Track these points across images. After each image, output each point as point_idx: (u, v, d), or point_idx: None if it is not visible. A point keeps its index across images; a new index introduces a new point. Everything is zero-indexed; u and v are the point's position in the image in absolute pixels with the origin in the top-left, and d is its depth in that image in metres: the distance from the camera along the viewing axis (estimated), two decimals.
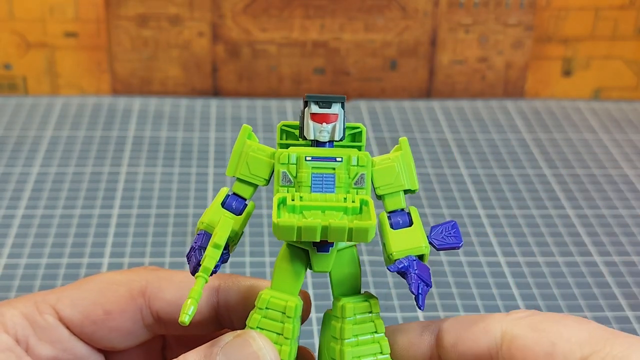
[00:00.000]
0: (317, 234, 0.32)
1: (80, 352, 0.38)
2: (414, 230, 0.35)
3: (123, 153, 0.79)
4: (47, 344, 0.37)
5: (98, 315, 0.38)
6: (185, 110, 0.87)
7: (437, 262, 0.64)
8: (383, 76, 0.90)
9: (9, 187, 0.72)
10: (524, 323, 0.34)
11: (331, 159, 0.35)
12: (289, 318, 0.34)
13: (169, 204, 0.70)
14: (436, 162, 0.79)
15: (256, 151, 0.35)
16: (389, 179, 0.35)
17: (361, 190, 0.35)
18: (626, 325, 0.58)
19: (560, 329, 0.33)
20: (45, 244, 0.65)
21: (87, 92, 0.89)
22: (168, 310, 0.38)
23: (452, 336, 0.35)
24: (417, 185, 0.36)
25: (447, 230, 0.35)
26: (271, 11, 0.87)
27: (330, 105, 0.35)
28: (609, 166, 0.79)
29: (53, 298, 0.38)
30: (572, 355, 0.32)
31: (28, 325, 0.37)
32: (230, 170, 0.35)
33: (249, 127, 0.36)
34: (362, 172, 0.35)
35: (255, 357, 0.33)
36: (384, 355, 0.35)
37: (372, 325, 0.35)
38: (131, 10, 0.86)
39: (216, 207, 0.35)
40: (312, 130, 0.35)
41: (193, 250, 0.35)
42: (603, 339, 0.32)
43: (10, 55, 0.87)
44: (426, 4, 0.88)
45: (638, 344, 0.31)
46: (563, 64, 0.91)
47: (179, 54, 0.88)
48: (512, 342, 0.34)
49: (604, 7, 0.89)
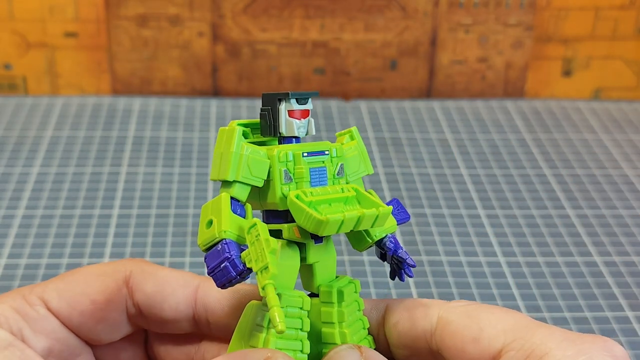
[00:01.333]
0: (354, 224, 0.34)
1: (72, 343, 0.38)
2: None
3: (123, 153, 0.79)
4: (42, 335, 0.37)
5: (85, 305, 0.38)
6: (185, 110, 0.87)
7: (437, 262, 0.64)
8: (383, 76, 0.90)
9: (9, 187, 0.72)
10: (459, 310, 0.36)
11: (321, 152, 0.36)
12: (304, 312, 0.35)
13: (169, 204, 0.70)
14: (436, 162, 0.79)
15: (254, 153, 0.35)
16: (355, 167, 0.38)
17: (342, 180, 0.37)
18: (626, 325, 0.58)
19: (489, 317, 0.35)
20: (45, 244, 0.65)
21: (87, 92, 0.89)
22: (147, 303, 0.38)
23: (395, 316, 0.37)
24: (372, 169, 0.39)
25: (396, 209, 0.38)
26: (271, 11, 0.87)
27: (307, 101, 0.36)
28: (609, 166, 0.79)
29: (39, 290, 0.38)
30: (496, 341, 0.34)
31: (20, 318, 0.37)
32: (232, 174, 0.35)
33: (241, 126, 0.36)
34: (341, 162, 0.37)
35: None
36: (365, 330, 0.37)
37: (357, 304, 0.37)
38: (131, 10, 0.86)
39: (230, 214, 0.34)
40: (294, 126, 0.36)
41: (228, 260, 0.33)
42: (526, 327, 0.34)
43: (10, 55, 0.87)
44: (426, 4, 0.88)
45: (556, 334, 0.33)
46: (563, 64, 0.91)
47: (179, 54, 0.88)
48: (445, 327, 0.36)
49: (604, 7, 0.89)
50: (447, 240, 0.67)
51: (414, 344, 0.36)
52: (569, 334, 0.33)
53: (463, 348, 0.35)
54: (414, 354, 0.37)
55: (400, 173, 0.76)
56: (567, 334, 0.33)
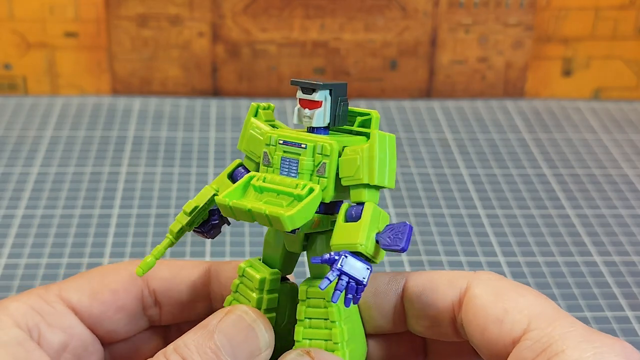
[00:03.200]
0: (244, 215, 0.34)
1: (87, 340, 0.39)
2: (357, 226, 0.34)
3: (123, 153, 0.79)
4: (58, 330, 0.38)
5: (106, 295, 0.39)
6: (185, 110, 0.87)
7: (437, 262, 0.64)
8: (383, 76, 0.90)
9: (9, 187, 0.72)
10: (487, 285, 0.35)
11: (297, 144, 0.35)
12: (257, 289, 0.36)
13: (169, 204, 0.70)
14: (436, 162, 0.79)
15: (254, 129, 0.36)
16: (349, 171, 0.35)
17: (322, 179, 0.35)
18: (626, 325, 0.58)
19: (517, 299, 0.34)
20: (45, 244, 0.65)
21: (87, 92, 0.89)
22: (164, 287, 0.40)
23: (419, 287, 0.36)
24: (375, 180, 0.34)
25: (399, 230, 0.34)
26: (271, 11, 0.87)
27: (311, 92, 0.35)
28: (609, 166, 0.79)
29: (56, 288, 0.39)
30: (519, 326, 0.33)
31: (36, 314, 0.37)
32: (240, 144, 0.37)
33: (255, 104, 0.37)
34: (324, 161, 0.35)
35: (251, 330, 0.35)
36: (335, 344, 0.35)
37: (324, 312, 0.35)
38: (131, 10, 0.86)
39: (223, 177, 0.37)
40: (296, 114, 0.36)
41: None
42: (551, 318, 0.33)
43: (10, 55, 0.87)
44: (426, 4, 0.88)
45: (577, 332, 0.32)
46: (563, 64, 0.91)
47: (179, 54, 0.88)
48: (471, 301, 0.35)
49: (604, 7, 0.89)
50: (447, 240, 0.67)
51: (438, 315, 0.36)
52: (589, 333, 0.32)
53: (485, 326, 0.34)
54: (435, 324, 0.36)
55: (400, 173, 0.76)
56: (588, 334, 0.32)
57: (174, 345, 0.35)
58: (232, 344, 0.34)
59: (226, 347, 0.34)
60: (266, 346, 0.35)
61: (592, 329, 0.33)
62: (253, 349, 0.35)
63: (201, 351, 0.34)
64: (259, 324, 0.35)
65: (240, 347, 0.34)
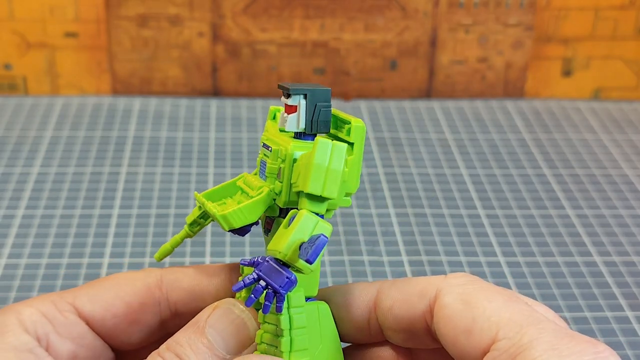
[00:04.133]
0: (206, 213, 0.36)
1: (98, 349, 0.38)
2: (284, 233, 0.33)
3: (123, 153, 0.79)
4: (68, 340, 0.37)
5: (119, 308, 0.38)
6: (185, 110, 0.87)
7: (437, 262, 0.64)
8: (383, 76, 0.90)
9: (9, 187, 0.72)
10: (456, 292, 0.34)
11: (267, 147, 0.36)
12: None
13: (169, 204, 0.70)
14: (436, 162, 0.79)
15: (265, 132, 0.37)
16: (295, 177, 0.34)
17: (279, 183, 0.35)
18: (626, 325, 0.58)
19: (486, 305, 0.33)
20: (45, 244, 0.65)
21: (87, 92, 0.89)
22: (186, 298, 0.39)
23: (389, 299, 0.36)
24: (308, 189, 0.33)
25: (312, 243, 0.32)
26: (271, 11, 0.87)
27: (288, 96, 0.35)
28: (609, 166, 0.79)
29: (70, 296, 0.38)
30: (487, 335, 0.32)
31: (47, 322, 0.37)
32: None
33: (273, 108, 0.37)
34: (281, 165, 0.35)
35: (241, 321, 0.35)
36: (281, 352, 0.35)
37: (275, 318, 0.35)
38: (131, 10, 0.86)
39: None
40: (280, 119, 0.36)
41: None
42: (519, 324, 0.32)
43: (10, 55, 0.87)
44: (426, 4, 0.88)
45: (544, 339, 0.31)
46: (563, 64, 0.91)
47: (179, 54, 0.88)
48: (440, 311, 0.34)
49: (604, 7, 0.89)
50: (447, 240, 0.67)
51: (411, 327, 0.35)
52: (558, 339, 0.31)
53: (455, 338, 0.33)
54: (412, 336, 0.36)
55: (400, 173, 0.76)
56: (556, 340, 0.31)
57: (166, 344, 0.35)
58: (223, 337, 0.35)
59: (218, 341, 0.35)
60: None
61: (565, 332, 0.31)
62: (244, 339, 0.35)
63: (194, 347, 0.34)
64: (247, 314, 0.35)
65: (232, 338, 0.35)
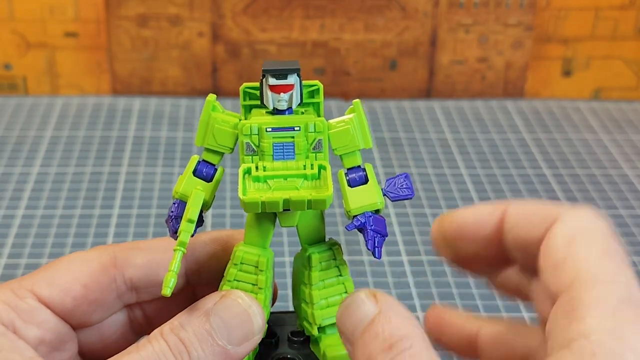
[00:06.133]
0: (280, 206, 0.35)
1: (62, 331, 0.39)
2: (369, 187, 0.37)
3: (123, 153, 0.79)
4: (33, 326, 0.38)
5: (77, 291, 0.39)
6: (185, 110, 0.87)
7: (437, 262, 0.64)
8: (383, 76, 0.90)
9: (9, 187, 0.72)
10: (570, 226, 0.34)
11: (290, 128, 0.37)
12: (262, 271, 0.37)
13: (168, 204, 0.70)
14: (436, 162, 0.79)
15: (220, 123, 0.37)
16: (344, 141, 0.37)
17: (319, 154, 0.37)
18: None
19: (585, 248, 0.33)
20: (45, 244, 0.65)
21: (87, 92, 0.89)
22: (141, 274, 0.40)
23: (513, 219, 0.36)
24: (370, 143, 0.38)
25: (400, 183, 0.38)
26: (271, 11, 0.87)
27: (286, 77, 0.37)
28: (609, 166, 0.79)
29: (28, 283, 0.39)
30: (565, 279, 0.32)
31: (10, 310, 0.37)
32: (199, 140, 0.38)
33: (212, 97, 0.38)
34: (320, 137, 0.37)
35: (246, 315, 0.36)
36: (345, 294, 0.38)
37: (337, 270, 0.38)
38: (131, 10, 0.86)
39: (188, 176, 0.38)
40: (270, 100, 0.37)
41: (170, 219, 0.37)
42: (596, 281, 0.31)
43: (10, 55, 0.87)
44: (426, 4, 0.88)
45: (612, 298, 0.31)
46: (563, 64, 0.91)
47: (179, 54, 0.88)
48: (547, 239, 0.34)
49: (604, 7, 0.89)
50: None
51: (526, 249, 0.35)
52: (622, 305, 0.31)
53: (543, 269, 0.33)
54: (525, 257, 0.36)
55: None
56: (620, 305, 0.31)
57: (169, 325, 0.35)
58: (227, 327, 0.35)
59: (222, 330, 0.35)
60: (259, 331, 0.36)
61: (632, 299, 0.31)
62: (247, 332, 0.36)
63: (197, 332, 0.35)
64: (253, 309, 0.36)
65: (235, 330, 0.35)
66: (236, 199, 0.67)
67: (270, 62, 0.38)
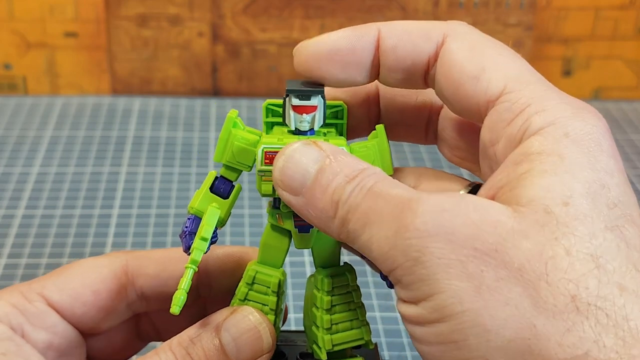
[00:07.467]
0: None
1: (70, 336, 0.39)
2: None
3: (123, 153, 0.79)
4: (41, 330, 0.38)
5: (87, 297, 0.39)
6: (185, 110, 0.87)
7: None
8: None
9: (9, 187, 0.72)
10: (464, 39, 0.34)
11: None
12: (274, 292, 0.37)
13: (169, 204, 0.70)
14: (436, 162, 0.79)
15: (240, 140, 0.37)
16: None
17: None
18: None
19: (496, 57, 0.33)
20: (45, 244, 0.65)
21: (87, 92, 0.89)
22: (152, 284, 0.40)
23: (393, 40, 0.35)
24: (391, 170, 0.37)
25: None
26: (271, 11, 0.87)
27: (310, 98, 0.36)
28: None
29: (38, 286, 0.38)
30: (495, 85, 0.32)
31: (19, 313, 0.37)
32: (217, 156, 0.37)
33: (234, 113, 0.37)
34: None
35: (256, 332, 0.35)
36: (360, 321, 0.38)
37: (350, 295, 0.38)
38: (131, 10, 0.86)
39: (205, 192, 0.37)
40: (293, 120, 0.36)
41: (184, 235, 0.37)
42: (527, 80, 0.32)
43: (10, 55, 0.87)
44: (426, 4, 0.88)
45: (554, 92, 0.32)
46: (563, 64, 0.91)
47: (179, 54, 0.88)
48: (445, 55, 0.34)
49: (604, 7, 0.89)
50: None
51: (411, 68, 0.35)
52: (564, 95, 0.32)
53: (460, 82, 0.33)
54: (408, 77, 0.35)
55: None
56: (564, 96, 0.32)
57: (178, 338, 0.35)
58: (236, 343, 0.35)
59: (231, 346, 0.35)
60: (268, 349, 0.36)
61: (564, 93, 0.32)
62: (256, 350, 0.35)
63: (206, 348, 0.34)
64: (264, 326, 0.35)
65: (245, 347, 0.35)
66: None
67: (293, 81, 0.37)
